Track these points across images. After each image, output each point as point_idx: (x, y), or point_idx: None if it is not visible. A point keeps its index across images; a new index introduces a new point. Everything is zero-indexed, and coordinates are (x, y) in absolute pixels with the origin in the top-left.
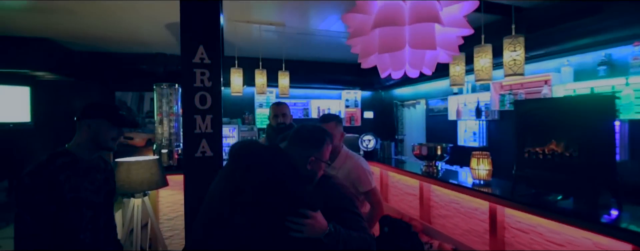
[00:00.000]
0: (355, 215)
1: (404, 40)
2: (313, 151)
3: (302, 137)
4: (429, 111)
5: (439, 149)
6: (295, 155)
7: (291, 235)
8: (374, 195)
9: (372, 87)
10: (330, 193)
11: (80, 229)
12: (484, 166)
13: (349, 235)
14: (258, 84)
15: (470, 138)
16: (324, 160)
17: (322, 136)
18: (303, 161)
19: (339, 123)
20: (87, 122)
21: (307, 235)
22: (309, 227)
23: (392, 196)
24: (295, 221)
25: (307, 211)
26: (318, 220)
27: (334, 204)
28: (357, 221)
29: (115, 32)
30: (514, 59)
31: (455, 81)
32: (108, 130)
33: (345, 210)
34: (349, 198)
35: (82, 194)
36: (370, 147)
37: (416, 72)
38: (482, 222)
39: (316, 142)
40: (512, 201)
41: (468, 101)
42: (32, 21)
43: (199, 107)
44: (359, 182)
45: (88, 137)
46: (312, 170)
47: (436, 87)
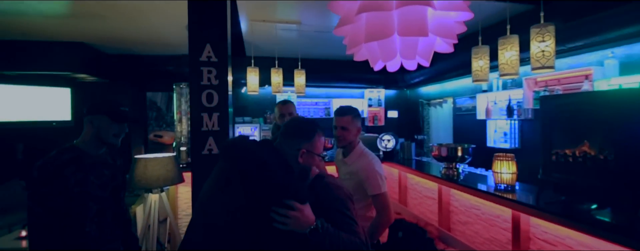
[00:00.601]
0: (346, 218)
1: (392, 27)
2: (303, 143)
3: (291, 129)
4: (456, 110)
5: (460, 150)
6: (286, 148)
7: (274, 226)
8: (382, 201)
9: (396, 86)
10: (321, 193)
11: (86, 222)
12: (508, 169)
13: (337, 234)
14: (274, 83)
15: (500, 139)
16: (316, 153)
17: (311, 128)
18: (294, 154)
19: (356, 117)
20: (90, 119)
21: (291, 227)
22: (294, 220)
23: (411, 199)
24: (280, 212)
25: (293, 202)
26: (305, 214)
27: (325, 205)
28: (348, 224)
29: (143, 35)
30: (542, 51)
31: (478, 76)
32: (109, 126)
33: (336, 211)
34: (341, 199)
35: (88, 188)
36: (390, 147)
37: (413, 63)
38: (504, 231)
39: (306, 133)
40: (537, 209)
41: (499, 99)
42: (68, 26)
43: (206, 105)
44: (368, 184)
45: (92, 133)
46: (305, 164)
47: (464, 84)
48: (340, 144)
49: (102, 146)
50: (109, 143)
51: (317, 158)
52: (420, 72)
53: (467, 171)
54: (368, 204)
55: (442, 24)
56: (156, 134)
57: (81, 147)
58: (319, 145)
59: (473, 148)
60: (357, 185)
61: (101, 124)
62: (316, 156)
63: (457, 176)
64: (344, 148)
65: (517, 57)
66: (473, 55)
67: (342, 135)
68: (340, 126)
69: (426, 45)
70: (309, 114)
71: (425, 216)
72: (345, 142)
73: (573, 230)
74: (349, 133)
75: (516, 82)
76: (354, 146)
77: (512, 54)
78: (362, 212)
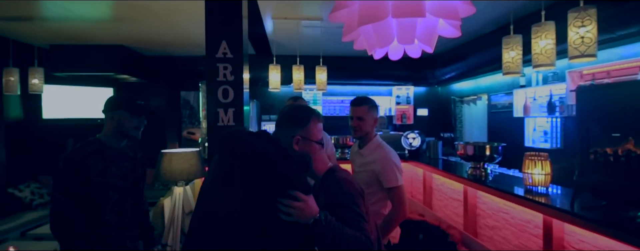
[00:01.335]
0: (354, 214)
1: (386, 8)
2: (297, 130)
3: (285, 117)
4: (491, 107)
5: (488, 149)
6: (281, 137)
7: (279, 216)
8: (398, 194)
9: (426, 82)
10: (330, 186)
11: (106, 210)
12: (540, 170)
13: (341, 228)
14: (295, 80)
15: (540, 138)
16: (312, 139)
17: (306, 114)
18: (289, 142)
19: (372, 107)
20: (110, 115)
21: (295, 218)
22: (299, 211)
23: (436, 201)
24: (285, 203)
25: (297, 193)
26: (309, 205)
27: (332, 200)
28: (355, 220)
29: (174, 37)
30: (582, 37)
31: (509, 68)
32: (129, 120)
33: (343, 206)
34: (350, 194)
35: (109, 179)
36: (415, 146)
37: (416, 50)
38: (535, 238)
39: (300, 120)
40: (572, 214)
41: (538, 95)
42: (109, 30)
43: (222, 100)
44: (384, 176)
45: (113, 127)
46: (302, 152)
47: (500, 80)
48: (356, 134)
49: (123, 139)
50: (130, 136)
51: (315, 145)
52: (452, 67)
53: (497, 171)
54: (382, 198)
55: (443, 4)
56: (189, 132)
57: (103, 140)
58: (315, 132)
59: (504, 147)
60: (372, 177)
61: (121, 119)
62: (313, 143)
63: (484, 176)
64: (360, 139)
65: (553, 46)
66: (504, 45)
67: (358, 125)
68: (356, 116)
69: (426, 28)
70: (335, 113)
71: (450, 219)
72: (362, 133)
73: (615, 240)
74: (366, 123)
75: (558, 76)
76: (370, 138)
77: (547, 43)
78: (375, 208)
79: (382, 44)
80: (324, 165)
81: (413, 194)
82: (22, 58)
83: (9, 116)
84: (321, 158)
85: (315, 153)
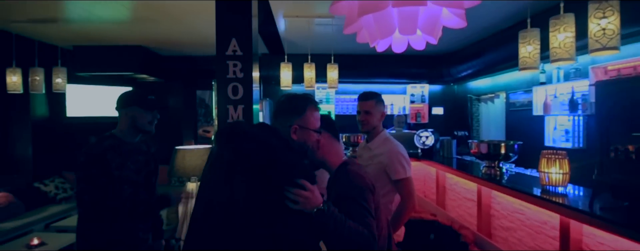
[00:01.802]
0: (361, 208)
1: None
2: (294, 119)
3: (281, 106)
4: (509, 105)
5: (503, 147)
6: (279, 127)
7: (286, 204)
8: (406, 186)
9: (442, 81)
10: (340, 179)
11: (121, 203)
12: (558, 169)
13: (343, 220)
14: (306, 78)
15: (561, 137)
16: (310, 128)
17: (302, 103)
18: (286, 131)
19: (379, 102)
20: (124, 111)
21: (301, 207)
22: (305, 199)
23: (450, 201)
24: (292, 192)
25: (304, 182)
26: (315, 194)
27: (341, 192)
28: (361, 214)
29: (190, 37)
30: (603, 29)
31: (526, 63)
32: (142, 115)
33: (350, 200)
34: (359, 187)
35: (124, 172)
36: (428, 144)
37: (420, 42)
38: (552, 240)
39: (296, 109)
40: (590, 215)
41: (560, 92)
42: (127, 31)
43: (232, 97)
44: (392, 168)
45: (127, 123)
46: (300, 141)
47: (518, 77)
48: (363, 128)
49: (138, 134)
50: (145, 131)
51: (313, 133)
52: (468, 64)
53: (513, 171)
54: (390, 191)
55: None
56: (204, 130)
57: (119, 135)
58: (312, 120)
59: (520, 145)
60: (380, 170)
61: (135, 114)
62: (311, 132)
63: (499, 176)
64: (367, 133)
65: (572, 40)
66: (520, 40)
67: (365, 119)
68: (363, 110)
69: (429, 18)
70: (347, 111)
71: (463, 220)
72: (369, 126)
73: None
74: (373, 117)
75: (581, 72)
76: (378, 132)
77: (566, 36)
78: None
79: (383, 35)
80: (338, 158)
81: (426, 194)
82: (47, 58)
83: (36, 114)
84: (336, 151)
85: (313, 140)
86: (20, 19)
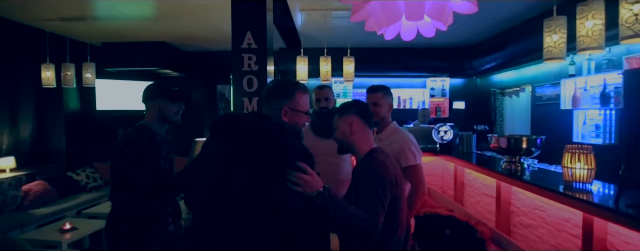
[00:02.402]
0: (373, 194)
1: None
2: (283, 101)
3: (270, 91)
4: (535, 99)
5: (524, 141)
6: (270, 111)
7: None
8: (416, 173)
9: (464, 74)
10: (364, 164)
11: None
12: (583, 164)
13: (343, 205)
14: (322, 72)
15: (590, 133)
16: (300, 110)
17: (290, 86)
18: (277, 115)
19: (387, 94)
20: (151, 104)
21: (301, 190)
22: (305, 182)
23: (468, 197)
24: (294, 174)
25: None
26: (315, 178)
27: (360, 175)
28: (371, 200)
29: (209, 33)
30: (635, 15)
31: (551, 53)
32: (169, 106)
33: (366, 184)
34: (378, 175)
35: (158, 161)
36: (447, 139)
37: (429, 29)
38: (574, 238)
39: (284, 92)
40: (615, 213)
41: (590, 85)
42: (151, 28)
43: (247, 89)
44: (403, 155)
45: (155, 115)
46: (291, 123)
47: (545, 69)
48: (373, 119)
49: (165, 124)
50: (172, 121)
51: (303, 115)
52: (492, 56)
53: (536, 166)
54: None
55: None
56: None
57: (149, 126)
58: (301, 103)
59: (543, 140)
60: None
61: (162, 106)
62: (301, 114)
63: (520, 171)
64: (376, 125)
65: (601, 27)
66: (545, 28)
67: (374, 111)
68: (371, 102)
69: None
70: None
71: (482, 216)
72: (378, 118)
73: None
74: (381, 109)
75: (614, 63)
76: (387, 123)
77: (594, 23)
78: None
79: (390, 22)
80: (367, 145)
81: (444, 190)
82: (77, 55)
83: (68, 108)
84: (366, 138)
85: (303, 122)
86: (53, 18)
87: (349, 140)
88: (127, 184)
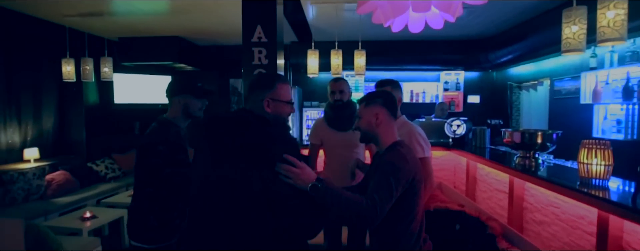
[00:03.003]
0: (385, 182)
1: None
2: (266, 92)
3: (252, 84)
4: (554, 93)
5: (539, 136)
6: (252, 102)
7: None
8: (424, 166)
9: (479, 67)
10: (386, 155)
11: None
12: (599, 161)
13: (339, 194)
14: (333, 65)
15: (611, 128)
16: (282, 100)
17: (271, 77)
18: (260, 106)
19: (395, 88)
20: (177, 99)
21: (293, 182)
22: (294, 175)
23: (480, 192)
24: (282, 168)
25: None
26: (305, 171)
27: (379, 164)
28: (380, 185)
29: (222, 27)
30: None
31: (569, 45)
32: (194, 102)
33: (382, 173)
34: (395, 166)
35: (188, 156)
36: (460, 133)
37: (438, 21)
38: (588, 235)
39: (265, 83)
40: (632, 210)
41: (612, 78)
42: (165, 23)
43: None
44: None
45: (180, 110)
46: (275, 113)
47: (565, 62)
48: None
49: (188, 119)
50: (195, 116)
51: (286, 105)
52: (509, 48)
53: (552, 162)
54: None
55: None
56: None
57: (173, 121)
58: (283, 93)
59: (563, 136)
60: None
61: (187, 102)
62: (283, 103)
63: (534, 167)
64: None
65: (624, 17)
66: (564, 19)
67: None
68: None
69: None
70: None
71: (494, 212)
72: None
73: None
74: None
75: (639, 55)
76: (396, 117)
77: (616, 13)
78: None
79: (396, 13)
80: (391, 137)
81: (456, 185)
82: (95, 49)
83: (88, 101)
84: (391, 131)
85: (286, 112)
86: (72, 14)
87: (373, 131)
88: (157, 179)
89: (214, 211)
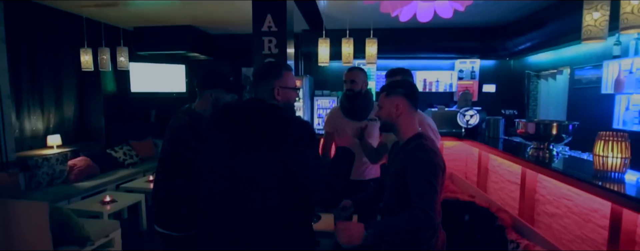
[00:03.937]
0: (429, 186)
1: None
2: (273, 80)
3: (259, 74)
4: (574, 82)
5: (554, 127)
6: (262, 91)
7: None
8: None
9: (496, 55)
10: (413, 153)
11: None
12: (615, 153)
13: (390, 227)
14: (344, 53)
15: (634, 119)
16: (290, 87)
17: (277, 66)
18: (270, 95)
19: (406, 77)
20: (208, 92)
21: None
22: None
23: (492, 183)
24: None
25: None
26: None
27: (411, 166)
28: (424, 191)
29: (234, 15)
30: None
31: (590, 33)
32: (224, 96)
33: (420, 178)
34: (433, 165)
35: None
36: (473, 123)
37: (448, 10)
38: (601, 229)
39: (273, 71)
40: None
41: (637, 67)
42: (178, 12)
43: None
44: None
45: (209, 103)
46: (284, 100)
47: (587, 50)
48: None
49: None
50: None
51: (293, 92)
52: (528, 36)
53: (567, 154)
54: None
55: None
56: None
57: (202, 113)
58: (289, 80)
59: (580, 127)
60: None
61: (218, 96)
62: (291, 90)
63: (548, 158)
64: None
65: None
66: (585, 6)
67: None
68: None
69: None
70: None
71: (504, 203)
72: None
73: None
74: None
75: None
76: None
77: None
78: None
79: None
80: (412, 129)
81: (467, 175)
82: (112, 39)
83: (106, 89)
84: (411, 121)
85: (293, 98)
86: (88, 4)
87: (393, 121)
88: (189, 171)
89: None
